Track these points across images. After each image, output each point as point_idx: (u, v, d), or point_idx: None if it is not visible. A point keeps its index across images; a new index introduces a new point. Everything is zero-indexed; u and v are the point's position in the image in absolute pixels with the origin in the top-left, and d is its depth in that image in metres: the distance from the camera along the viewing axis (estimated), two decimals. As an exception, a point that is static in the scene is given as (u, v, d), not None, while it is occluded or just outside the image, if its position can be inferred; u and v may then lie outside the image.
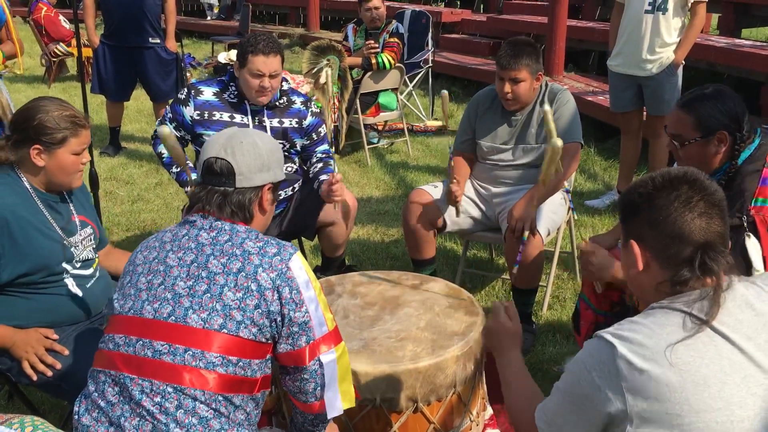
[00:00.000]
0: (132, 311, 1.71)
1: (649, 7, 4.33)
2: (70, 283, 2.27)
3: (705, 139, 2.20)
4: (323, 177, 3.20)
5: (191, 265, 1.71)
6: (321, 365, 1.74)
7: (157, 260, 1.76)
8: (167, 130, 2.51)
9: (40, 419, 1.76)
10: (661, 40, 4.33)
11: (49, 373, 2.15)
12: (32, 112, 2.17)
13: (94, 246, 2.41)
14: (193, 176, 3.14)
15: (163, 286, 1.71)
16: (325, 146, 3.36)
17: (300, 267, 1.73)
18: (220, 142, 1.82)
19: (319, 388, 1.77)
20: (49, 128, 2.16)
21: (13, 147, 2.19)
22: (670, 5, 4.28)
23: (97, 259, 2.42)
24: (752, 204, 2.14)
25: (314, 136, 3.30)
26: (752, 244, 2.07)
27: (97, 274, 2.39)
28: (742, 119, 2.21)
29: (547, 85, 3.29)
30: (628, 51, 4.47)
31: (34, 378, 2.15)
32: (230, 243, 1.72)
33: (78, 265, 2.31)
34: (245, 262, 1.69)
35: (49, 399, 2.73)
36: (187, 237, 1.76)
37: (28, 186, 2.21)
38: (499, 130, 3.31)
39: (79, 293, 2.29)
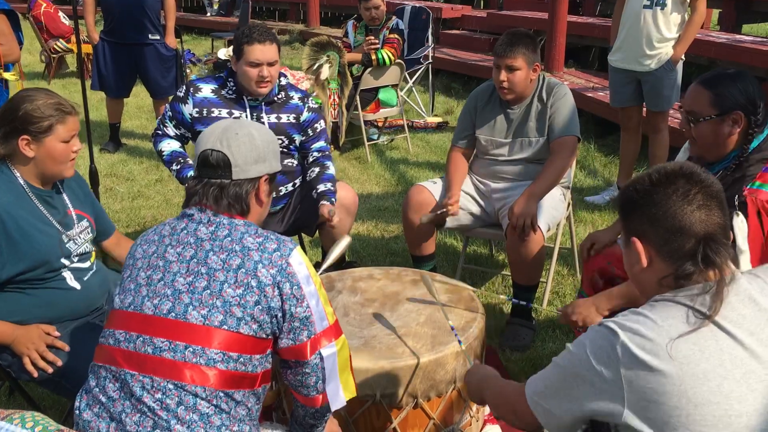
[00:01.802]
0: (132, 307, 1.72)
1: (648, 2, 4.32)
2: (69, 277, 2.27)
3: (720, 117, 2.18)
4: (321, 188, 3.19)
5: (191, 261, 1.71)
6: (322, 359, 1.75)
7: (156, 255, 1.76)
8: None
9: (40, 414, 1.76)
10: (659, 36, 4.33)
11: (50, 370, 2.16)
12: (17, 103, 2.16)
13: (92, 238, 2.41)
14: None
15: (162, 282, 1.71)
16: (321, 143, 3.34)
17: (300, 262, 1.73)
18: (215, 134, 1.81)
19: (320, 381, 1.77)
20: (35, 117, 2.14)
21: (3, 140, 2.18)
22: (669, 0, 4.27)
23: (94, 253, 2.42)
24: (748, 186, 2.13)
25: (310, 131, 3.29)
26: (739, 223, 2.06)
27: (95, 267, 2.39)
28: (759, 104, 2.19)
29: (544, 79, 3.29)
30: (628, 46, 4.47)
31: (35, 374, 2.16)
32: (229, 238, 1.72)
33: (76, 259, 2.31)
34: (245, 258, 1.69)
35: (50, 395, 2.73)
36: (185, 231, 1.76)
37: (22, 182, 2.20)
38: (498, 125, 3.31)
39: (78, 286, 2.29)
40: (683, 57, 4.41)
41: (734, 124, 2.18)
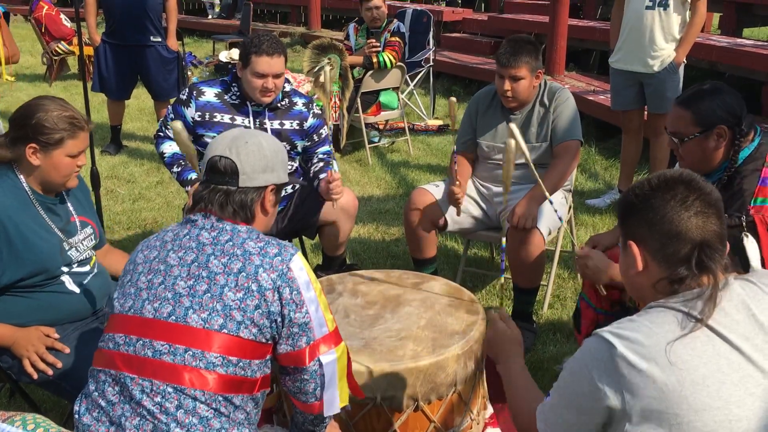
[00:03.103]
0: (132, 310, 1.72)
1: (650, 3, 4.32)
2: (67, 281, 2.27)
3: (704, 134, 2.21)
4: (323, 175, 3.20)
5: (192, 265, 1.72)
6: (321, 366, 1.75)
7: (157, 259, 1.76)
8: (179, 125, 2.50)
9: (42, 417, 1.76)
10: (662, 36, 4.33)
11: (50, 372, 2.15)
12: (32, 110, 2.15)
13: (94, 245, 2.41)
14: (194, 175, 3.15)
15: (163, 286, 1.71)
16: (326, 147, 3.36)
17: (301, 268, 1.73)
18: (225, 141, 1.84)
19: (318, 388, 1.77)
20: (46, 128, 2.13)
21: (11, 144, 2.17)
22: (671, 1, 4.27)
23: (94, 257, 2.42)
24: (752, 204, 2.14)
25: (315, 137, 3.30)
26: (750, 244, 2.07)
27: (95, 270, 2.39)
28: (741, 114, 2.21)
29: (546, 83, 3.29)
30: (629, 47, 4.47)
31: (35, 376, 2.16)
32: (231, 243, 1.73)
33: (75, 265, 2.30)
34: (246, 262, 1.69)
35: (51, 397, 2.73)
36: (188, 236, 1.77)
37: (26, 188, 2.19)
38: (499, 130, 3.31)
39: (77, 290, 2.29)
40: (685, 60, 4.41)
41: (719, 138, 2.21)
